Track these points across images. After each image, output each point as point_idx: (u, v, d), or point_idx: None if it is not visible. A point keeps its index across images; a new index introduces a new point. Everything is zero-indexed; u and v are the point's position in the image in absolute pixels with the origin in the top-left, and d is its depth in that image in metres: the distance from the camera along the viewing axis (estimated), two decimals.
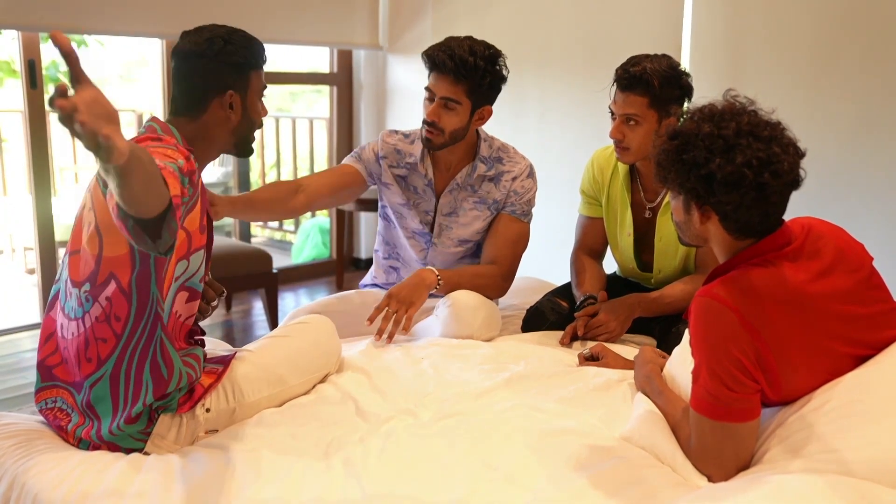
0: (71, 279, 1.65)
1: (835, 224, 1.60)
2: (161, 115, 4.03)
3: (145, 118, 6.10)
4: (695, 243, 1.61)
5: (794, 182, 1.45)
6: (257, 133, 1.87)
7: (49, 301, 1.76)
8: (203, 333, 1.85)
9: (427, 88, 2.33)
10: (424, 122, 2.33)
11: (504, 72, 2.34)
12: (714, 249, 1.56)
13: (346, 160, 2.51)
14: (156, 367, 1.61)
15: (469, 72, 2.25)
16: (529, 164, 2.48)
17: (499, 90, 2.37)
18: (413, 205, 2.49)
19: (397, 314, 2.20)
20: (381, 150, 2.48)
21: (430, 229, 2.50)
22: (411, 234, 2.53)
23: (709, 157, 1.43)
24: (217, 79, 1.74)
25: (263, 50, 1.81)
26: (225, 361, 1.78)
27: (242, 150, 1.85)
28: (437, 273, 2.32)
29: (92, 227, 1.60)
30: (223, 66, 1.73)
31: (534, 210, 2.50)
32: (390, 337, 2.19)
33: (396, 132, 2.52)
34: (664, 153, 1.51)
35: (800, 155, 1.47)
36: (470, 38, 2.31)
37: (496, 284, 2.43)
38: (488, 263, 2.46)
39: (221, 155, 1.88)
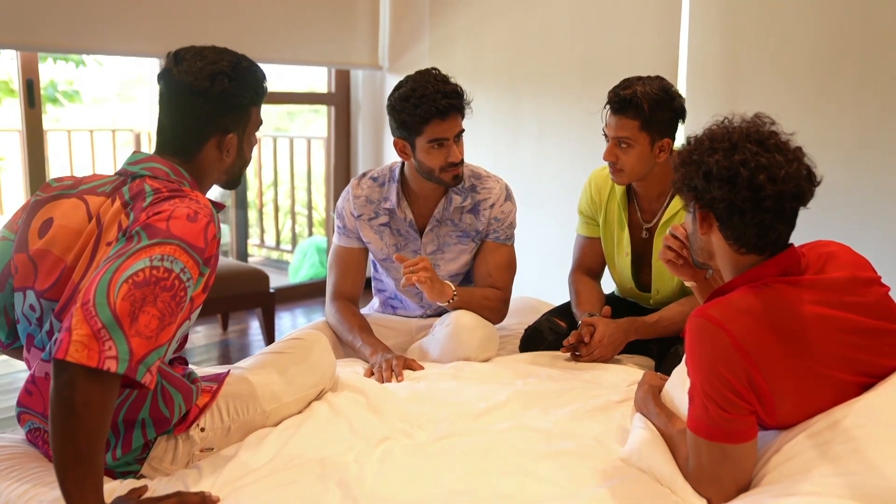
0: None
1: (858, 253, 1.59)
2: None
3: (143, 138, 6.10)
4: (702, 259, 1.62)
5: (795, 196, 1.45)
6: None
7: (25, 343, 1.61)
8: (185, 363, 1.80)
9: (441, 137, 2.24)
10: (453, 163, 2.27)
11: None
12: (719, 264, 1.57)
13: (340, 241, 2.44)
14: (156, 410, 1.59)
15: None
16: (504, 185, 2.43)
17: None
18: (399, 248, 2.43)
19: None
20: (355, 207, 2.40)
21: None
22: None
23: (711, 155, 1.47)
24: (218, 122, 1.59)
25: (265, 80, 1.66)
26: (219, 379, 1.77)
27: (232, 185, 1.74)
28: (454, 289, 2.31)
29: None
30: (226, 107, 1.58)
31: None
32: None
33: (363, 176, 2.44)
34: (679, 155, 1.56)
35: (812, 175, 1.48)
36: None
37: (500, 310, 2.43)
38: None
39: None
